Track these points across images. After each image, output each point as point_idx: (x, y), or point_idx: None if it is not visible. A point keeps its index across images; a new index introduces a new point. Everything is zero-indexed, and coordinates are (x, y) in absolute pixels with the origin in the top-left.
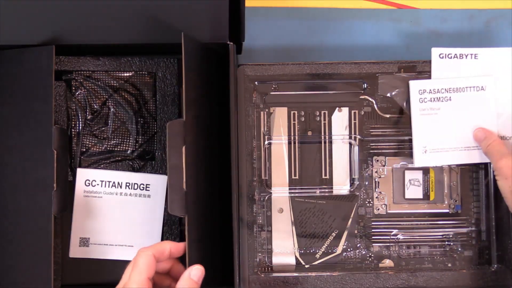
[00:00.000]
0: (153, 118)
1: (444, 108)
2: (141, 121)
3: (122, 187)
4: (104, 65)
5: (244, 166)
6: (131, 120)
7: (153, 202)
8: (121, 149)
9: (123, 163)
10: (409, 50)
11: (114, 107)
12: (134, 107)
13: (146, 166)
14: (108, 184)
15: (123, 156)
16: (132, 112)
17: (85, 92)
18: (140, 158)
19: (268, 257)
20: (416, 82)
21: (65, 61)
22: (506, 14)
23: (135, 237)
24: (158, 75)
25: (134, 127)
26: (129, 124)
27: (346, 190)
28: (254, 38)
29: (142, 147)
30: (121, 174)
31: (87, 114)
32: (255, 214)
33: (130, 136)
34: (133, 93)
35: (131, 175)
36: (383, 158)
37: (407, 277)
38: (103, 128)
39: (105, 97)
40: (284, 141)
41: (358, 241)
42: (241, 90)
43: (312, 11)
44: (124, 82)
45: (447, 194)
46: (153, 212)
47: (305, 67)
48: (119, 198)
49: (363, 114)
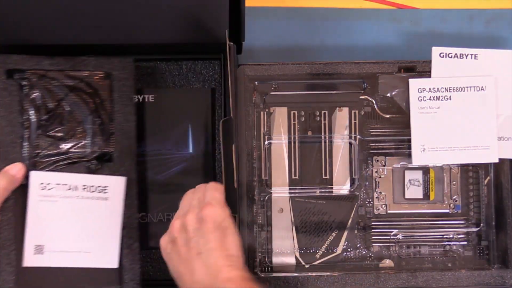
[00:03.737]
0: (110, 119)
1: (443, 107)
2: (98, 121)
3: (78, 190)
4: (59, 64)
5: (244, 166)
6: (87, 120)
7: (111, 205)
8: (77, 150)
9: (80, 165)
10: (409, 50)
11: (70, 107)
12: (91, 107)
13: (103, 168)
14: (64, 187)
15: (80, 157)
16: (88, 112)
17: (39, 91)
18: (98, 160)
19: (268, 257)
20: (416, 80)
21: (18, 60)
22: (506, 14)
23: (92, 243)
24: (114, 74)
25: (90, 128)
26: (86, 124)
27: (346, 190)
28: (254, 38)
29: (99, 148)
30: (78, 176)
31: (42, 114)
32: (255, 214)
33: (87, 137)
34: (89, 93)
35: (88, 177)
36: (383, 158)
37: (407, 277)
38: (58, 128)
39: (61, 96)
40: (284, 141)
41: (358, 241)
42: (241, 90)
43: (312, 11)
44: (79, 81)
45: (447, 194)
46: (111, 216)
47: (305, 67)
48: (75, 201)
49: (363, 114)
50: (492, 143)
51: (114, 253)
